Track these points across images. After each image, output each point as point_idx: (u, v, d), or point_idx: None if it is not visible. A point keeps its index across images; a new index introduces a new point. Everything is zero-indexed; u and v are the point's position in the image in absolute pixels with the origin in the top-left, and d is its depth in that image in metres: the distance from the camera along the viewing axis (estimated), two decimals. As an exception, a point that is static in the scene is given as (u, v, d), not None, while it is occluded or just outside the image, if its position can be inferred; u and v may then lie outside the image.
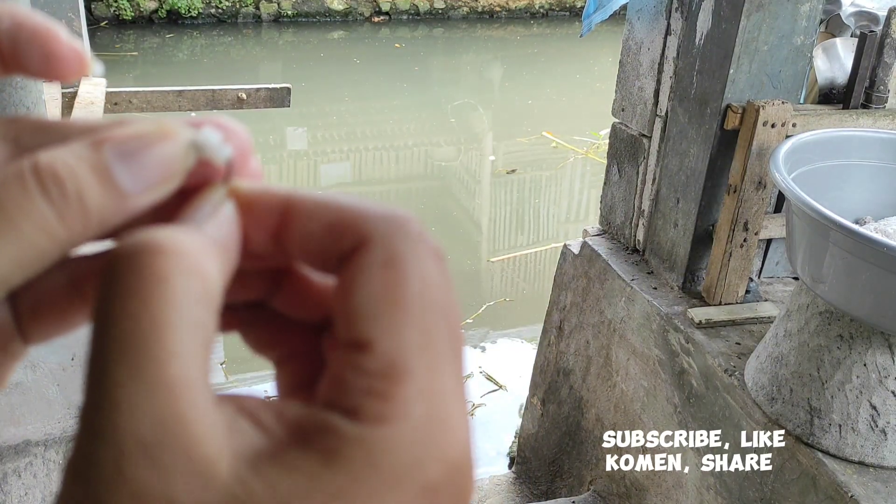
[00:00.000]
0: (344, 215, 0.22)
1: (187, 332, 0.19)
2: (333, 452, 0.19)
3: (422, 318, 0.21)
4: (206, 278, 0.20)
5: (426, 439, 0.20)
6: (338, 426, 0.20)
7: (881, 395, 1.45)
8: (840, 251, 1.35)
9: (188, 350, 0.19)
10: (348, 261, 0.21)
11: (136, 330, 0.19)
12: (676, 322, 1.94)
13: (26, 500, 1.67)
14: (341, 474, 0.19)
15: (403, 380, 0.20)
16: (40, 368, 1.62)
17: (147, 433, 0.18)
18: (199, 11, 10.12)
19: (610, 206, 2.42)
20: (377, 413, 0.20)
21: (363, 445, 0.19)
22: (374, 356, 0.20)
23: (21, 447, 1.65)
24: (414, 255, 0.21)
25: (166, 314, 0.19)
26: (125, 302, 0.19)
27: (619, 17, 2.46)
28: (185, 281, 0.20)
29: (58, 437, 1.68)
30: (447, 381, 0.21)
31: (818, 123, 1.80)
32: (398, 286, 0.21)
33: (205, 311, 0.20)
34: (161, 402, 0.18)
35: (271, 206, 0.23)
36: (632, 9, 2.20)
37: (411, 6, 11.06)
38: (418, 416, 0.20)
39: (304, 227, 0.22)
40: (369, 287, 0.21)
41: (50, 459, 1.67)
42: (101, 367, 0.19)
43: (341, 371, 0.21)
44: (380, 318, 0.20)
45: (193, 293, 0.20)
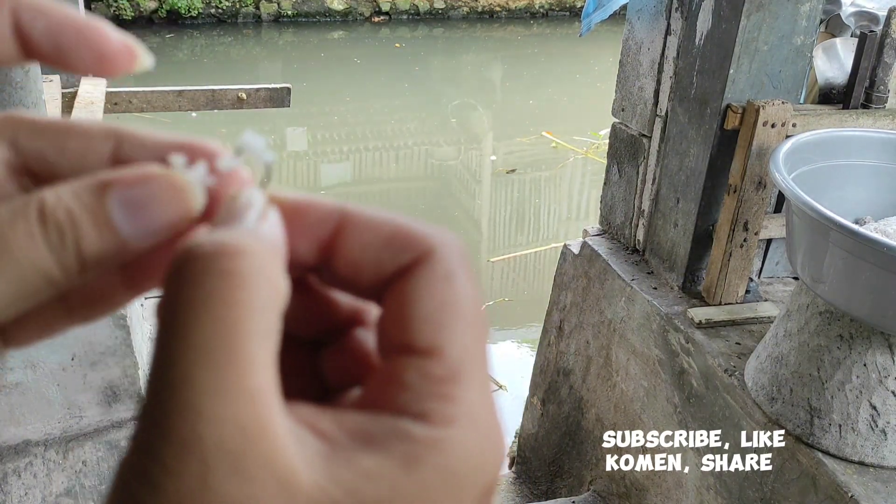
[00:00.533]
0: (403, 231, 0.23)
1: (265, 339, 0.19)
2: (412, 458, 0.20)
3: (475, 329, 0.22)
4: (278, 283, 0.20)
5: (488, 443, 0.21)
6: (411, 430, 0.20)
7: (881, 395, 1.45)
8: (840, 251, 1.35)
9: (266, 357, 0.19)
10: (408, 273, 0.22)
11: (219, 334, 0.19)
12: (676, 322, 1.94)
13: (26, 499, 1.67)
14: (420, 479, 0.20)
15: (469, 384, 0.21)
16: (40, 368, 1.62)
17: (232, 443, 0.18)
18: (199, 11, 10.12)
19: (610, 206, 2.42)
20: (447, 415, 0.20)
21: (438, 449, 0.20)
22: (443, 362, 0.21)
23: (21, 447, 1.65)
24: (466, 272, 0.22)
25: (249, 319, 0.19)
26: (207, 305, 0.19)
27: (619, 17, 2.46)
28: (264, 285, 0.20)
29: (58, 437, 1.68)
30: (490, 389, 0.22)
31: (818, 123, 1.80)
32: (459, 299, 0.22)
33: (276, 316, 0.20)
34: (245, 410, 0.18)
35: (325, 217, 0.23)
36: (632, 9, 2.20)
37: (411, 6, 11.06)
38: (482, 419, 0.21)
39: (362, 239, 0.23)
40: (435, 297, 0.22)
41: (50, 459, 1.67)
42: (181, 373, 0.18)
43: (404, 377, 0.21)
44: (447, 327, 0.21)
45: (269, 297, 0.20)
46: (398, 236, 0.22)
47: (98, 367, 1.64)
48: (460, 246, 0.23)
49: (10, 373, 1.59)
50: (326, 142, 7.05)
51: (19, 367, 1.59)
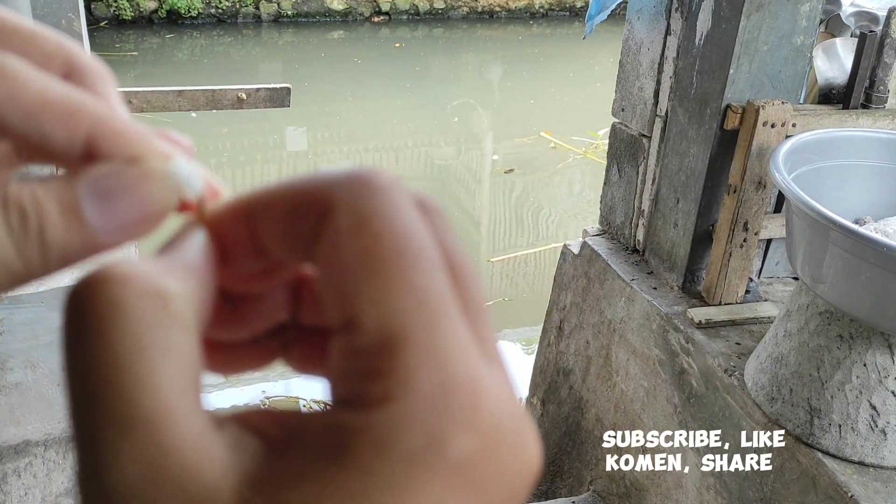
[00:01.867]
0: (302, 191, 0.20)
1: (155, 358, 0.17)
2: (340, 449, 0.17)
3: (409, 277, 0.18)
4: (168, 298, 0.18)
5: (440, 409, 0.17)
6: (341, 420, 0.18)
7: (881, 395, 1.45)
8: (840, 251, 1.35)
9: (161, 376, 0.17)
10: (318, 236, 0.19)
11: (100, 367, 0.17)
12: (676, 322, 1.94)
13: (26, 500, 1.67)
14: (352, 471, 0.17)
15: (400, 350, 0.18)
16: (40, 368, 1.62)
17: (136, 476, 0.17)
18: (199, 11, 10.12)
19: (610, 206, 2.41)
20: (378, 394, 0.17)
21: (369, 433, 0.17)
22: (363, 332, 0.18)
23: (21, 447, 1.65)
24: (386, 210, 0.19)
25: (126, 343, 0.17)
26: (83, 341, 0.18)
27: (619, 17, 2.46)
28: (142, 304, 0.18)
29: (58, 437, 1.68)
30: (457, 340, 0.18)
31: (818, 123, 1.80)
32: (375, 247, 0.18)
33: (173, 330, 0.18)
34: (142, 440, 0.17)
35: (235, 215, 0.21)
36: (632, 9, 2.20)
37: (411, 6, 11.06)
38: (426, 386, 0.17)
39: (268, 220, 0.20)
40: (343, 255, 0.18)
41: (50, 459, 1.67)
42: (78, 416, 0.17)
43: (338, 359, 0.19)
44: (360, 288, 0.18)
45: (155, 315, 0.18)
46: (298, 200, 0.20)
47: (98, 367, 1.64)
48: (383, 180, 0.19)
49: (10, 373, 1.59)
50: (326, 142, 7.05)
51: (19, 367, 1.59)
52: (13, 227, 0.19)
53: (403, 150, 7.07)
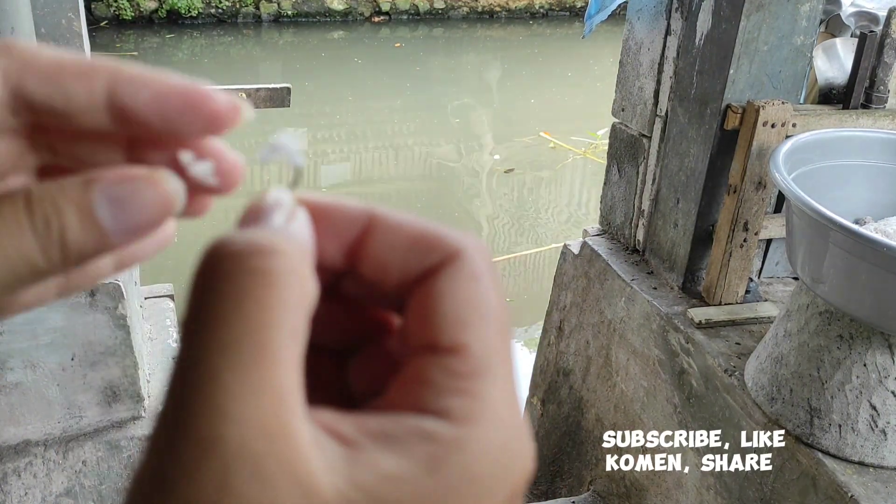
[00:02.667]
0: (431, 233, 0.23)
1: (292, 339, 0.19)
2: (434, 458, 0.19)
3: (500, 328, 0.22)
4: (308, 284, 0.20)
5: (513, 441, 0.21)
6: (433, 429, 0.20)
7: (881, 395, 1.45)
8: (840, 251, 1.35)
9: (294, 359, 0.19)
10: (436, 273, 0.22)
11: (248, 333, 0.18)
12: (676, 322, 1.94)
13: (26, 500, 1.66)
14: (443, 480, 0.19)
15: (493, 381, 0.21)
16: (40, 368, 1.62)
17: (255, 445, 0.17)
18: (199, 11, 10.12)
19: (610, 206, 2.41)
20: (469, 412, 0.20)
21: (461, 447, 0.19)
22: (468, 358, 0.21)
23: (21, 447, 1.65)
24: (492, 273, 0.23)
25: (278, 319, 0.19)
26: (237, 302, 0.19)
27: (619, 17, 2.46)
28: (295, 285, 0.19)
29: (58, 437, 1.68)
30: (516, 388, 0.22)
31: (818, 123, 1.80)
32: (485, 298, 0.22)
33: (305, 317, 0.20)
34: (270, 412, 0.18)
35: (353, 218, 0.23)
36: (632, 9, 2.20)
37: (411, 6, 11.06)
38: (504, 419, 0.21)
39: (389, 240, 0.23)
40: (461, 296, 0.22)
41: (50, 459, 1.67)
42: (207, 371, 0.18)
43: (427, 375, 0.21)
44: (472, 325, 0.21)
45: (300, 298, 0.20)
46: (425, 238, 0.23)
47: (98, 367, 1.64)
48: (486, 249, 0.23)
49: (10, 373, 1.59)
50: (326, 142, 7.05)
51: (19, 367, 1.59)
52: (38, 230, 0.21)
53: (403, 149, 7.07)
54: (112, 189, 0.22)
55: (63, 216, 0.21)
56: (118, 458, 1.72)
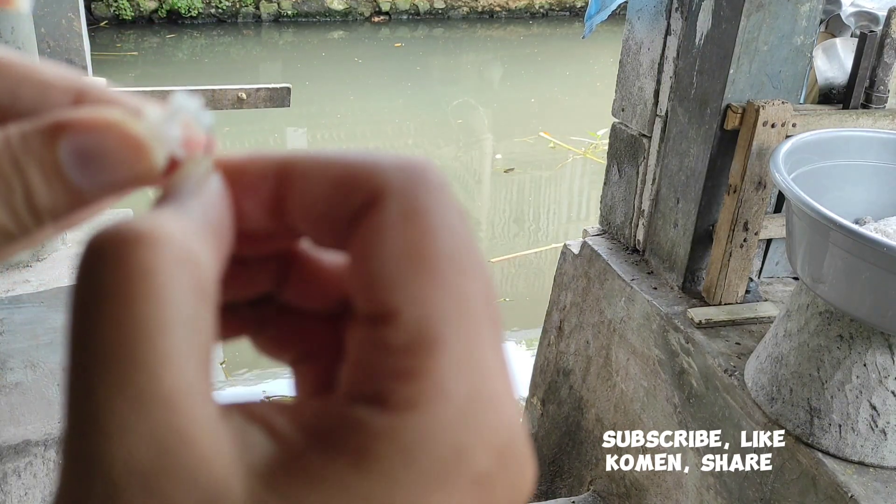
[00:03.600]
0: (352, 169, 0.19)
1: (182, 334, 0.16)
2: (362, 452, 0.16)
3: (455, 279, 0.17)
4: (199, 266, 0.17)
5: (470, 422, 0.17)
6: (363, 419, 0.17)
7: (881, 395, 1.45)
8: (840, 251, 1.35)
9: (184, 355, 0.16)
10: (361, 220, 0.18)
11: (121, 335, 0.16)
12: (676, 322, 1.94)
13: (26, 500, 1.67)
14: (375, 477, 0.16)
15: (436, 353, 0.17)
16: (40, 368, 1.62)
17: (144, 459, 0.15)
18: (199, 11, 10.12)
19: (610, 206, 2.42)
20: (408, 396, 0.17)
21: (396, 438, 0.16)
22: (400, 328, 0.17)
23: (21, 447, 1.65)
24: (438, 207, 0.18)
25: (155, 313, 0.16)
26: (105, 303, 0.16)
27: (619, 17, 2.46)
28: (174, 272, 0.17)
29: (58, 437, 1.68)
30: (489, 353, 0.18)
31: (818, 123, 1.80)
32: (424, 242, 0.18)
33: (200, 305, 0.17)
34: (157, 419, 0.16)
35: (264, 172, 0.20)
36: (632, 9, 2.20)
37: (411, 6, 11.06)
38: (458, 395, 0.17)
39: (305, 189, 0.19)
40: (389, 246, 0.18)
41: (50, 459, 1.67)
42: (83, 386, 0.16)
43: (362, 352, 0.18)
44: (404, 282, 0.17)
45: (185, 286, 0.17)
46: (346, 177, 0.19)
47: (98, 367, 1.64)
48: (434, 176, 0.19)
49: (10, 373, 1.59)
50: (326, 142, 7.05)
51: (19, 367, 1.59)
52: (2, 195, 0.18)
53: (403, 149, 7.07)
54: (80, 141, 0.19)
55: (26, 175, 0.18)
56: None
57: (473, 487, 0.17)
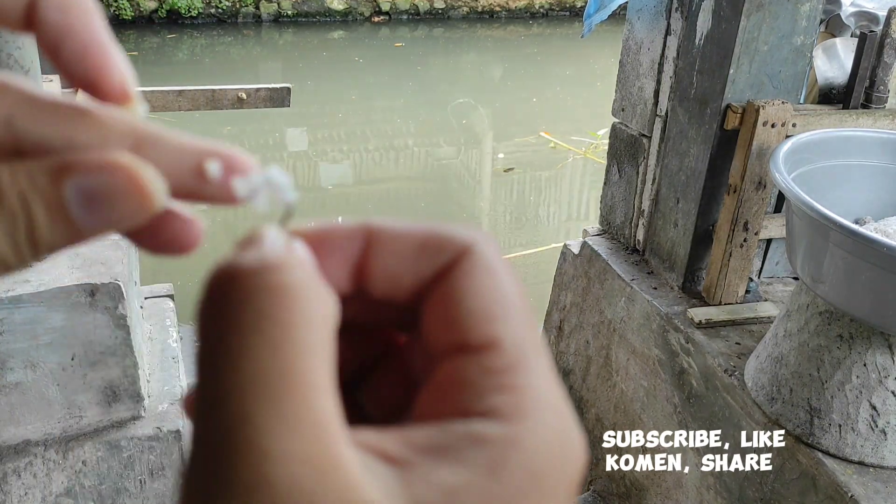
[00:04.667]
0: (436, 233, 0.22)
1: (323, 360, 0.17)
2: (494, 461, 0.18)
3: (526, 318, 0.21)
4: (327, 296, 0.19)
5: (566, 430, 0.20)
6: (485, 431, 0.18)
7: (881, 395, 1.45)
8: (840, 251, 1.35)
9: (326, 380, 0.17)
10: (450, 272, 0.21)
11: (273, 358, 0.17)
12: (676, 322, 1.94)
13: (26, 499, 1.66)
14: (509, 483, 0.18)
15: (531, 370, 0.20)
16: (40, 368, 1.62)
17: (305, 482, 0.16)
18: (199, 11, 10.12)
19: (610, 206, 2.41)
20: (517, 407, 0.19)
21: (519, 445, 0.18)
22: (503, 352, 0.20)
23: (21, 447, 1.65)
24: (506, 265, 0.22)
25: (304, 339, 0.17)
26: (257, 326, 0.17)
27: (619, 17, 2.46)
28: (315, 299, 0.18)
29: (58, 437, 1.68)
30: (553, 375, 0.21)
31: (818, 123, 1.80)
32: (505, 289, 0.21)
33: (331, 333, 0.18)
34: (313, 444, 0.16)
35: (350, 239, 0.22)
36: (632, 9, 2.20)
37: (411, 6, 11.06)
38: (553, 406, 0.19)
39: (395, 250, 0.22)
40: (482, 290, 0.21)
41: (50, 459, 1.67)
42: (238, 408, 0.16)
43: (463, 377, 0.20)
44: (499, 317, 0.20)
45: (322, 312, 0.18)
46: (432, 239, 0.22)
47: (98, 367, 1.64)
48: (494, 240, 0.22)
49: (10, 373, 1.59)
50: (326, 142, 7.05)
51: (19, 367, 1.59)
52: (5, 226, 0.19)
53: (403, 149, 7.07)
54: (86, 181, 0.19)
55: (31, 212, 0.19)
56: (118, 458, 1.72)
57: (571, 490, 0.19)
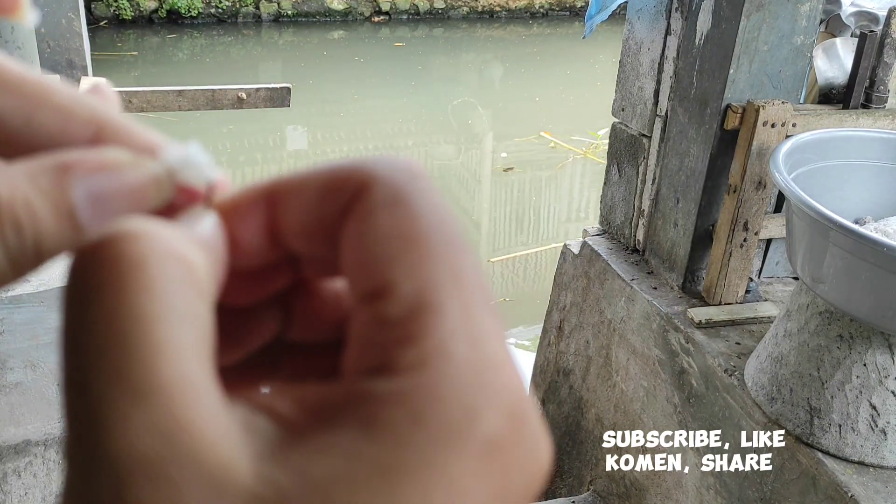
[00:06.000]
0: (336, 172, 0.20)
1: (176, 324, 0.16)
2: (371, 419, 0.16)
3: (445, 252, 0.18)
4: (191, 264, 0.18)
5: (476, 381, 0.17)
6: (370, 388, 0.17)
7: (881, 395, 1.45)
8: (840, 251, 1.35)
9: (181, 344, 0.16)
10: (350, 212, 0.19)
11: (114, 328, 0.16)
12: (676, 322, 1.94)
13: (26, 499, 1.67)
14: (385, 442, 0.16)
15: (435, 317, 0.17)
16: (40, 368, 1.62)
17: (147, 449, 0.15)
18: (199, 11, 10.12)
19: (610, 206, 2.42)
20: (412, 360, 0.17)
21: (403, 399, 0.16)
22: (397, 299, 0.18)
23: (21, 447, 1.65)
24: (422, 191, 0.19)
25: (148, 304, 0.16)
26: (97, 298, 0.16)
27: (619, 17, 2.46)
28: (165, 265, 0.17)
29: (58, 437, 1.68)
30: (486, 319, 0.18)
31: (818, 123, 1.80)
32: (412, 221, 0.18)
33: (195, 299, 0.17)
34: (156, 409, 0.15)
35: (254, 200, 0.20)
36: (632, 9, 2.20)
37: (411, 6, 11.06)
38: (460, 355, 0.17)
39: (295, 202, 0.20)
40: (380, 227, 0.18)
41: (50, 459, 1.67)
42: (79, 382, 0.16)
43: (360, 329, 0.18)
44: (398, 257, 0.18)
45: (177, 279, 0.17)
46: (333, 180, 0.19)
47: (98, 366, 1.64)
48: (414, 168, 0.19)
49: (10, 373, 1.59)
50: (326, 141, 7.05)
51: (19, 367, 1.59)
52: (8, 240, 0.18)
53: (403, 149, 7.07)
54: (94, 182, 0.19)
55: (39, 221, 0.18)
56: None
57: (485, 451, 0.16)
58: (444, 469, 0.16)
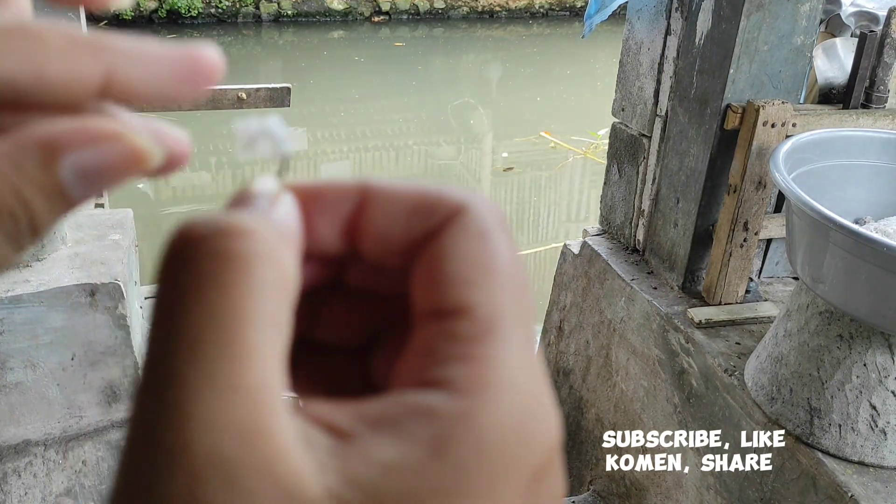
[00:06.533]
0: (432, 193, 0.21)
1: (267, 328, 0.17)
2: (438, 438, 0.17)
3: (516, 288, 0.20)
4: (285, 269, 0.18)
5: (529, 413, 0.18)
6: (434, 404, 0.17)
7: (881, 395, 1.45)
8: (840, 251, 1.35)
9: (268, 349, 0.17)
10: (439, 233, 0.20)
11: (214, 324, 0.16)
12: (676, 322, 1.94)
13: (26, 499, 1.67)
14: (451, 464, 0.16)
15: (501, 343, 0.18)
16: (40, 368, 1.62)
17: (226, 450, 0.15)
18: (199, 11, 10.12)
19: (610, 206, 2.42)
20: (475, 379, 0.17)
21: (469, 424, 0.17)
22: (473, 320, 0.19)
23: (21, 447, 1.65)
24: (504, 231, 0.21)
25: (248, 306, 0.17)
26: (201, 290, 0.17)
27: (619, 17, 2.46)
28: (266, 267, 0.17)
29: (58, 437, 1.68)
30: (534, 354, 0.19)
31: (818, 123, 1.80)
32: (494, 255, 0.20)
33: (283, 304, 0.18)
34: (241, 411, 0.16)
35: (344, 196, 0.21)
36: (632, 9, 2.20)
37: (411, 6, 11.06)
38: (520, 386, 0.18)
39: (387, 210, 0.21)
40: (466, 253, 0.20)
41: (50, 459, 1.67)
42: (169, 370, 0.16)
43: (429, 344, 0.19)
44: (477, 283, 0.19)
45: (273, 282, 0.17)
46: (426, 199, 0.21)
47: (98, 366, 1.64)
48: (496, 205, 0.21)
49: (10, 373, 1.59)
50: (326, 141, 7.05)
51: (19, 366, 1.59)
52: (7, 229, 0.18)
53: (403, 149, 7.07)
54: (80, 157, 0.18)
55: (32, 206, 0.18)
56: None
57: (531, 480, 0.17)
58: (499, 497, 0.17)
